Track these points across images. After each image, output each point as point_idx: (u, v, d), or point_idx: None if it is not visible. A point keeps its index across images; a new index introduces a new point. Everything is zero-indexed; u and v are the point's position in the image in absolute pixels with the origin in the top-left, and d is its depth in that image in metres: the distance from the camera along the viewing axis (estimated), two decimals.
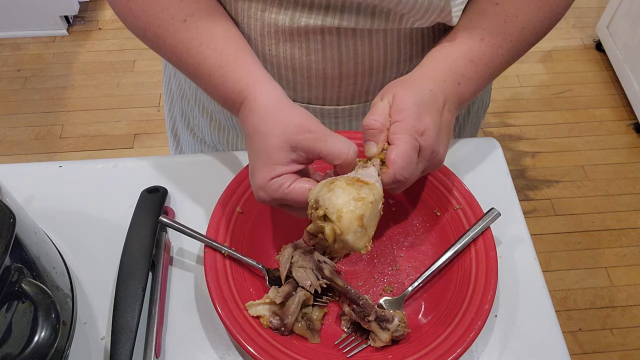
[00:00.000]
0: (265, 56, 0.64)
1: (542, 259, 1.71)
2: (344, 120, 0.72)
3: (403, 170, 0.52)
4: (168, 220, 0.59)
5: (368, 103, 0.70)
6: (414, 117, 0.53)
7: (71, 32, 2.40)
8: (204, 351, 0.57)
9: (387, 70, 0.66)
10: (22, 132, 2.06)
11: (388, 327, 0.53)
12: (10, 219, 0.46)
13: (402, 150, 0.52)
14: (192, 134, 0.85)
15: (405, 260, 0.62)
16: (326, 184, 0.50)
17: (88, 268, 0.62)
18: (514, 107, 2.15)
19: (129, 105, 2.15)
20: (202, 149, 0.85)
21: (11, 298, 0.46)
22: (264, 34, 0.61)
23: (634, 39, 2.03)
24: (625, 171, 1.96)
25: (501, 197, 0.68)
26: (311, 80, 0.65)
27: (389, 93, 0.56)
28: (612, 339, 1.58)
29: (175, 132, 0.92)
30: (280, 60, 0.63)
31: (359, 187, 0.49)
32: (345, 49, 0.62)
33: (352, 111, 0.70)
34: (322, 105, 0.69)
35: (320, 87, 0.66)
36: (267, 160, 0.52)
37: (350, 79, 0.66)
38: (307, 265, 0.57)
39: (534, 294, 0.61)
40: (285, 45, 0.62)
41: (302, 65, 0.63)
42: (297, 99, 0.69)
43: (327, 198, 0.49)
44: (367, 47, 0.63)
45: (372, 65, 0.65)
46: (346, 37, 0.61)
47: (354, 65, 0.64)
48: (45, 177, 0.70)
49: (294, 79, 0.65)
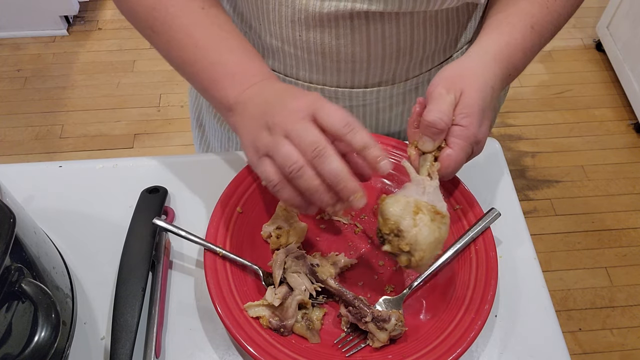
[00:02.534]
0: (295, 42, 0.65)
1: (542, 259, 1.71)
2: (371, 103, 0.73)
3: (452, 173, 0.55)
4: (162, 223, 0.59)
5: (395, 85, 0.71)
6: (477, 125, 0.54)
7: (71, 32, 2.40)
8: (204, 351, 0.57)
9: (413, 52, 0.68)
10: (22, 132, 2.06)
11: (385, 327, 0.53)
12: (10, 219, 0.46)
13: (459, 158, 0.54)
14: (220, 122, 0.85)
15: None
16: (407, 210, 0.50)
17: (88, 268, 0.62)
18: (514, 107, 2.15)
19: (129, 105, 2.15)
20: (229, 137, 0.85)
21: (11, 298, 0.46)
22: (295, 20, 0.62)
23: (634, 39, 2.03)
24: (625, 171, 1.96)
25: (501, 197, 0.69)
26: (340, 64, 0.67)
27: (456, 88, 0.54)
28: (612, 339, 1.58)
29: (201, 122, 0.92)
30: (311, 45, 0.65)
31: (439, 223, 0.51)
32: (374, 32, 0.63)
33: (380, 94, 0.72)
34: (350, 89, 0.70)
35: (349, 70, 0.68)
36: (311, 96, 0.51)
37: (378, 61, 0.67)
38: (300, 269, 0.57)
39: (534, 294, 0.61)
40: (315, 31, 0.63)
41: (331, 49, 0.65)
42: (327, 83, 0.70)
43: (413, 235, 0.50)
44: (395, 30, 0.64)
45: (399, 47, 0.66)
46: (374, 21, 0.62)
47: (382, 48, 0.65)
48: (45, 177, 0.70)
49: (324, 63, 0.67)
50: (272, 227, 0.61)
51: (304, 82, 0.71)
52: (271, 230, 0.61)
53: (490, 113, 0.58)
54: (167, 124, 2.09)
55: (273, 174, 0.50)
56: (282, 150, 0.49)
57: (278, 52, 0.68)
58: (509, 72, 0.60)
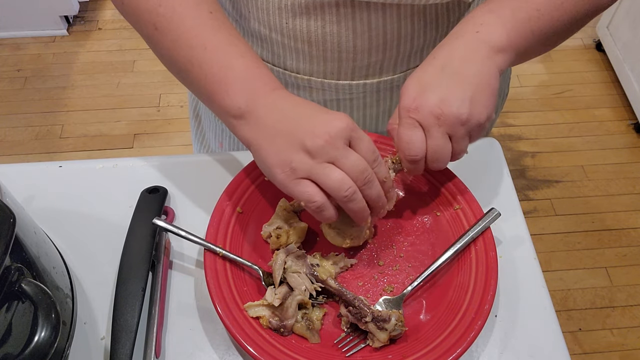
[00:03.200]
0: (282, 29, 0.65)
1: (542, 259, 1.71)
2: (358, 96, 0.73)
3: (408, 150, 0.55)
4: (162, 223, 0.59)
5: (382, 79, 0.71)
6: (405, 98, 0.55)
7: (71, 32, 2.40)
8: (204, 351, 0.57)
9: (400, 45, 0.67)
10: (22, 132, 2.06)
11: (385, 327, 0.53)
12: (10, 219, 0.46)
13: (397, 134, 0.56)
14: (214, 114, 0.85)
15: (405, 260, 0.62)
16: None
17: (88, 268, 0.62)
18: (514, 107, 2.15)
19: (129, 105, 2.15)
20: (223, 129, 0.85)
21: (11, 298, 0.46)
22: (282, 7, 0.63)
23: (634, 39, 2.03)
24: (625, 171, 1.96)
25: (501, 197, 0.68)
26: (326, 53, 0.67)
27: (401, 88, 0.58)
28: (612, 339, 1.58)
29: (197, 113, 0.93)
30: (297, 33, 0.65)
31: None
32: (360, 22, 0.63)
33: (367, 87, 0.72)
34: (337, 80, 0.70)
35: (336, 60, 0.67)
36: (347, 119, 0.53)
37: (365, 52, 0.67)
38: (300, 269, 0.57)
39: (534, 294, 0.61)
40: (302, 18, 0.63)
41: (317, 38, 0.65)
42: (314, 73, 0.70)
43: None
44: (381, 20, 0.64)
45: (385, 39, 0.66)
46: (360, 10, 0.62)
47: (368, 39, 0.65)
48: (45, 177, 0.70)
49: (310, 51, 0.67)
50: (272, 227, 0.61)
51: (291, 72, 0.71)
52: (271, 230, 0.61)
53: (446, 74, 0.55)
54: (166, 124, 2.09)
55: (316, 196, 0.52)
56: (334, 176, 0.51)
57: (266, 40, 0.68)
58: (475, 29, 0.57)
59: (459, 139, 0.55)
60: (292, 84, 0.72)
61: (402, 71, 0.72)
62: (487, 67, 0.56)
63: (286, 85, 0.73)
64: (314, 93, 0.73)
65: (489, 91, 0.55)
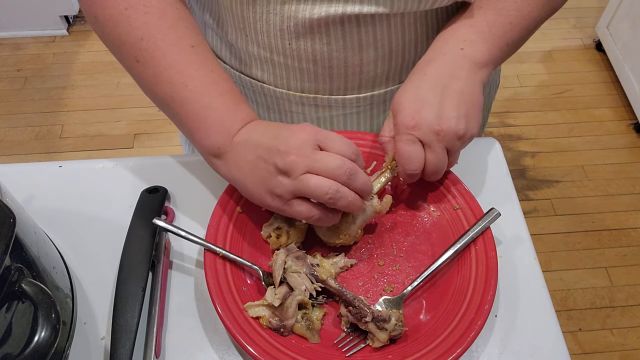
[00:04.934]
0: (285, 51, 0.64)
1: (542, 259, 1.71)
2: (365, 109, 0.73)
3: (409, 165, 0.58)
4: (162, 223, 0.59)
5: (389, 89, 0.71)
6: (403, 115, 0.58)
7: (71, 32, 2.40)
8: (204, 351, 0.57)
9: (405, 53, 0.68)
10: (22, 132, 2.06)
11: (385, 326, 0.53)
12: (10, 219, 0.46)
13: (397, 149, 0.58)
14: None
15: (405, 260, 0.62)
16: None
17: (88, 268, 0.62)
18: (514, 107, 2.15)
19: (129, 105, 2.15)
20: None
21: (11, 298, 0.46)
22: (284, 28, 0.62)
23: (634, 39, 2.03)
24: (625, 171, 1.96)
25: (501, 197, 0.69)
26: (332, 70, 0.66)
27: (392, 103, 0.60)
28: (612, 339, 1.58)
29: None
30: (302, 53, 0.64)
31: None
32: (365, 35, 0.63)
33: (374, 98, 0.72)
34: (343, 95, 0.70)
35: (342, 75, 0.67)
36: (309, 127, 0.54)
37: (371, 64, 0.67)
38: (300, 269, 0.57)
39: (534, 294, 0.61)
40: (306, 38, 0.63)
41: (323, 56, 0.65)
42: (319, 90, 0.69)
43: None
44: (386, 32, 0.64)
45: (391, 49, 0.66)
46: (365, 24, 0.62)
47: (373, 51, 0.65)
48: (45, 177, 0.70)
49: (315, 70, 0.66)
50: (272, 227, 0.61)
51: (295, 92, 0.70)
52: (271, 230, 0.61)
53: (434, 92, 0.58)
54: (167, 124, 2.09)
55: (311, 211, 0.54)
56: (312, 184, 0.52)
57: (267, 63, 0.67)
58: (459, 46, 0.61)
59: (455, 152, 0.59)
60: (296, 102, 0.71)
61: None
62: (474, 82, 0.59)
63: (290, 104, 0.72)
64: (320, 110, 0.72)
65: (478, 106, 0.59)
